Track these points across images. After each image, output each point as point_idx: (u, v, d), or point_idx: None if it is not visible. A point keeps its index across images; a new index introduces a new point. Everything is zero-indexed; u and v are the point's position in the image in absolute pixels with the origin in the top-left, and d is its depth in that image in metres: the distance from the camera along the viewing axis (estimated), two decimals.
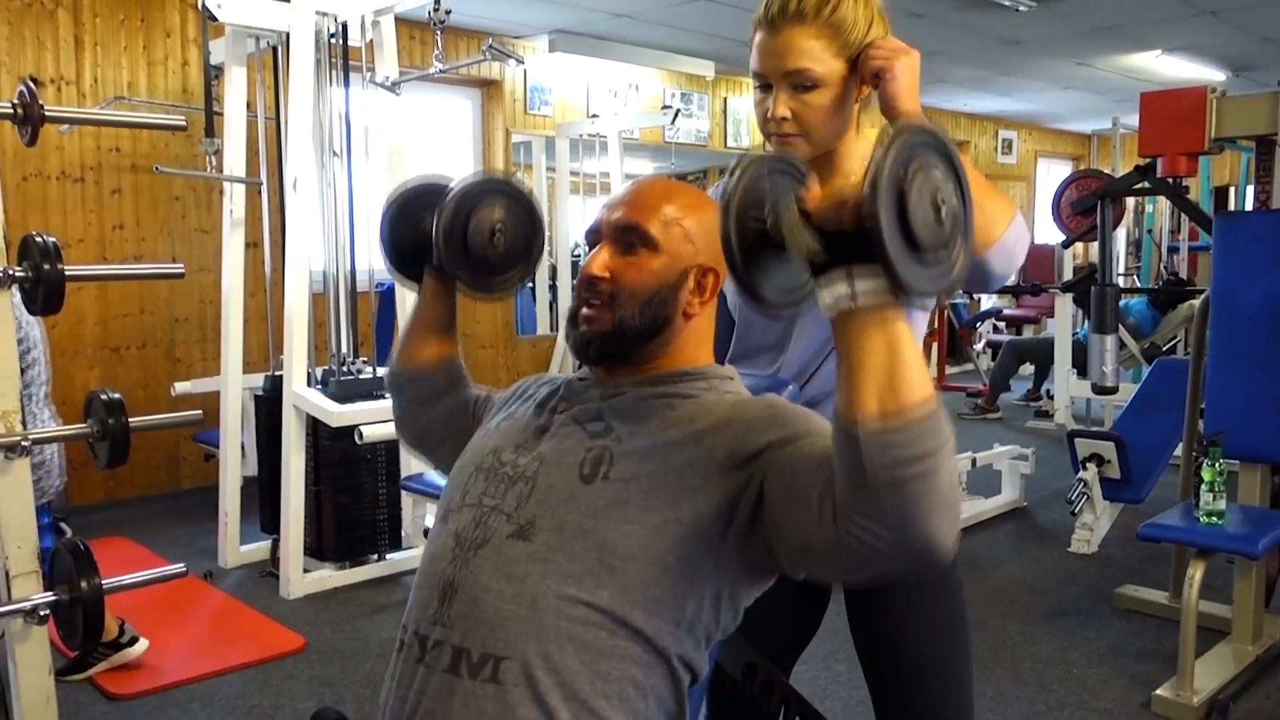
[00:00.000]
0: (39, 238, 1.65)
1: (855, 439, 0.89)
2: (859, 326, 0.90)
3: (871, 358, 0.89)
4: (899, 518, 0.89)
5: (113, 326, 5.03)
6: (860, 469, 0.89)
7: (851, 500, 0.91)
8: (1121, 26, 6.61)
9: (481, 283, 1.40)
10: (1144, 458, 4.06)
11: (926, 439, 0.88)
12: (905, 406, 0.88)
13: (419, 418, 1.49)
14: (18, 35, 4.69)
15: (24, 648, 1.70)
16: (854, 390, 0.90)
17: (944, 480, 0.89)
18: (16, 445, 1.67)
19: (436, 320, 1.46)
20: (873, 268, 0.87)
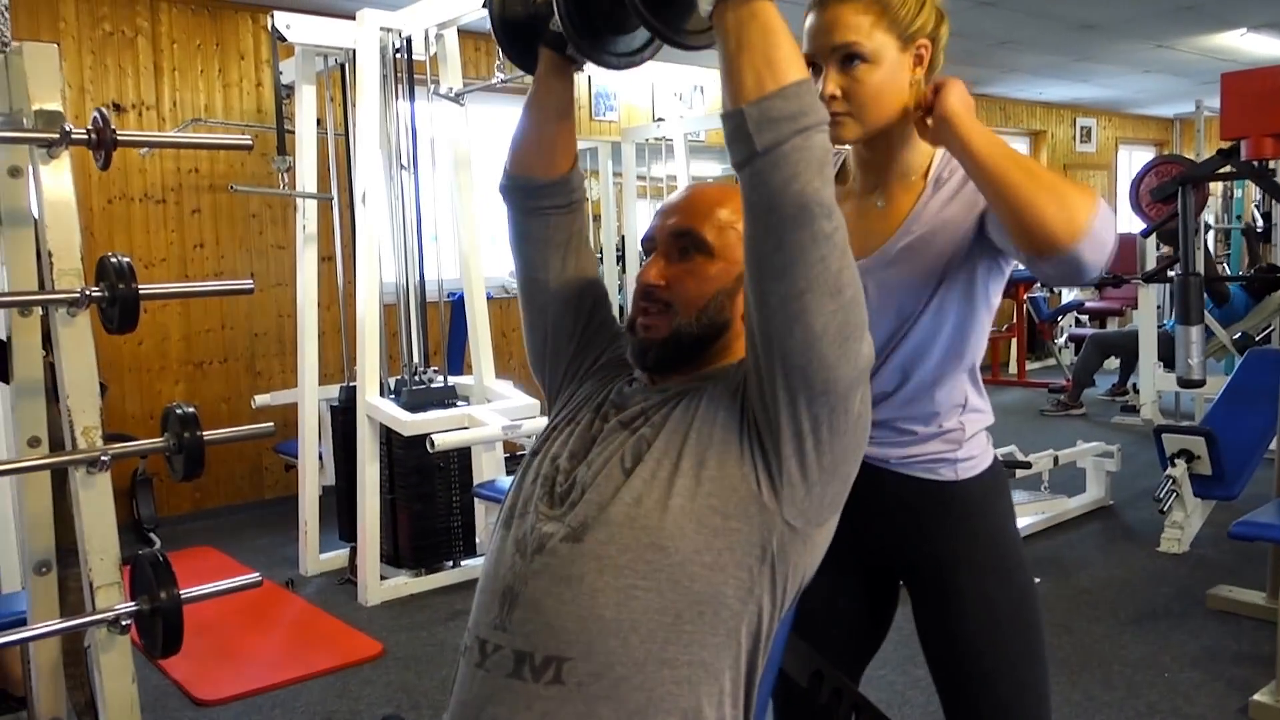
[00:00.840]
0: (114, 258, 1.70)
1: (740, 115, 0.98)
2: (735, 19, 0.99)
3: (749, 44, 0.98)
4: (780, 180, 0.97)
5: (195, 342, 5.19)
6: (749, 144, 0.98)
7: (746, 178, 1.00)
8: (1202, 5, 6.37)
9: (610, 56, 1.22)
10: (1236, 453, 3.91)
11: (802, 104, 0.98)
12: (782, 79, 0.98)
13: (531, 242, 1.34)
14: (100, 63, 4.87)
15: (108, 656, 1.75)
16: (737, 77, 0.99)
17: (818, 143, 0.99)
18: (97, 460, 1.71)
19: (552, 105, 1.30)
20: None
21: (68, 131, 1.68)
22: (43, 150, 1.72)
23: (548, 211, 1.33)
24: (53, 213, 1.73)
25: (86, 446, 1.72)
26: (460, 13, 3.71)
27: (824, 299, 1.00)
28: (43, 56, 1.73)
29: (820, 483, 1.08)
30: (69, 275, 1.72)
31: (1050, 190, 1.22)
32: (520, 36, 1.31)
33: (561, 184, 1.33)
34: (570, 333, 1.34)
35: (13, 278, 1.90)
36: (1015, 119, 9.96)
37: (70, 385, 1.73)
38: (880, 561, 1.51)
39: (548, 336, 1.36)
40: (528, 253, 1.35)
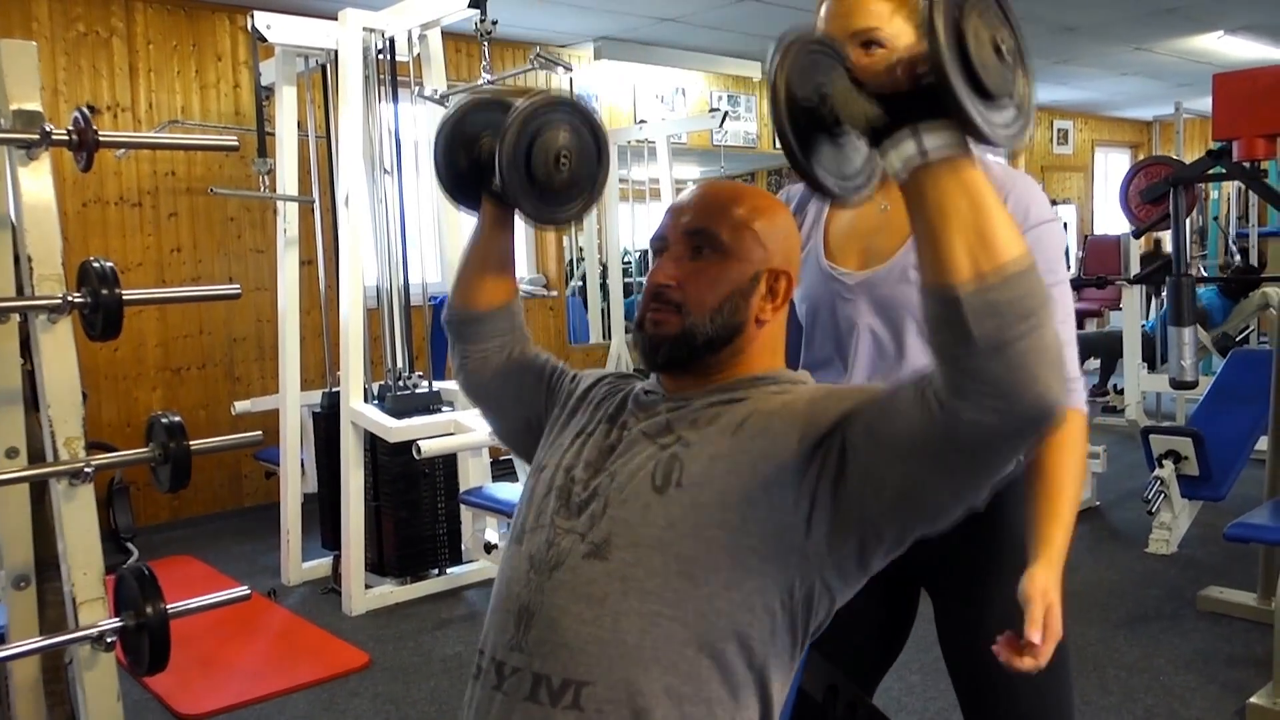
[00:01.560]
0: (96, 263, 1.65)
1: (956, 304, 0.83)
2: (934, 184, 0.85)
3: (955, 215, 0.85)
4: (1009, 381, 0.84)
5: (173, 348, 5.10)
6: (965, 336, 0.83)
7: (956, 377, 0.86)
8: (1181, 8, 6.42)
9: (545, 212, 1.30)
10: (1223, 453, 3.92)
11: (1029, 293, 0.84)
12: (1002, 262, 0.84)
13: (480, 371, 1.39)
14: (74, 65, 4.78)
15: (92, 674, 1.70)
16: (943, 253, 0.85)
17: (1050, 335, 0.85)
18: (80, 472, 1.66)
19: (494, 253, 1.36)
20: (940, 120, 0.84)
21: (48, 132, 1.63)
22: (21, 152, 1.67)
23: (488, 337, 1.38)
24: (32, 216, 1.67)
25: (69, 458, 1.66)
26: (444, 13, 3.66)
27: (988, 481, 0.95)
28: (21, 55, 1.68)
29: (874, 564, 1.06)
30: (50, 281, 1.66)
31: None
32: (465, 181, 1.36)
33: (501, 312, 1.38)
34: (539, 401, 1.35)
35: None
36: None
37: (52, 394, 1.68)
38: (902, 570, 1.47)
39: (520, 428, 1.38)
40: (474, 377, 1.40)
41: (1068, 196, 10.94)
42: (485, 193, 1.32)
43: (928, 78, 0.83)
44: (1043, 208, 1.38)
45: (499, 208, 1.32)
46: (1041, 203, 1.38)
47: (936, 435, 0.90)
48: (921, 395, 0.91)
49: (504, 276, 1.38)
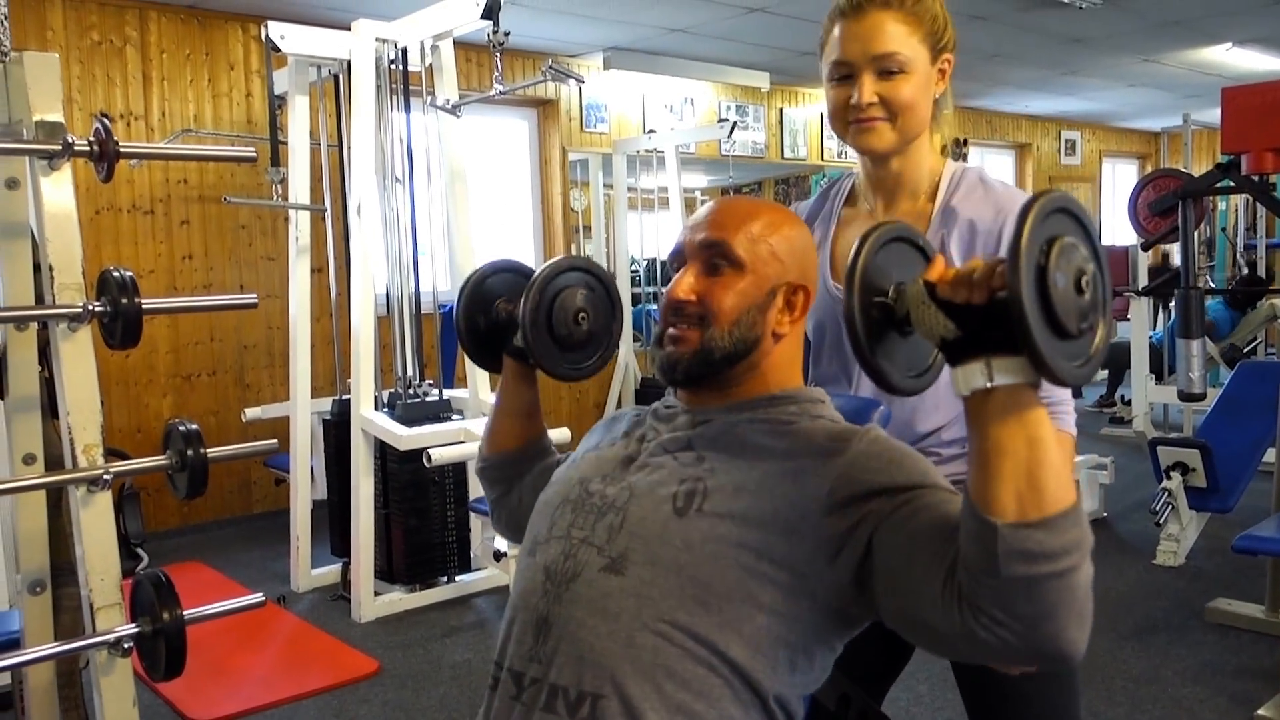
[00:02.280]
0: (116, 272, 1.67)
1: (992, 532, 0.85)
2: (996, 414, 0.86)
3: (1010, 451, 0.86)
4: (1030, 617, 0.85)
5: (184, 355, 5.13)
6: (993, 563, 0.85)
7: (980, 592, 0.87)
8: (1189, 20, 6.43)
9: (566, 368, 1.38)
10: (1231, 465, 3.92)
11: (1067, 540, 0.85)
12: (1046, 512, 0.85)
13: (508, 497, 1.45)
14: (88, 73, 4.82)
15: (109, 680, 1.71)
16: (990, 485, 0.86)
17: (1081, 583, 0.86)
18: (98, 479, 1.67)
19: (522, 405, 1.43)
20: (1012, 355, 0.84)
21: (70, 143, 1.65)
22: (43, 162, 1.69)
23: (526, 470, 1.44)
24: (54, 225, 1.69)
25: (87, 464, 1.68)
26: (457, 24, 3.68)
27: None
28: (43, 66, 1.70)
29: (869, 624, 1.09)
30: (70, 289, 1.68)
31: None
32: (487, 342, 1.44)
33: (532, 444, 1.44)
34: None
35: (9, 291, 1.86)
36: (1001, 132, 10.02)
37: (71, 402, 1.69)
38: None
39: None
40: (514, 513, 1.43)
41: None
42: (506, 352, 1.40)
43: (1003, 297, 0.82)
44: None
45: (521, 365, 1.40)
46: None
47: (952, 628, 0.90)
48: (946, 580, 0.91)
49: (531, 422, 1.44)
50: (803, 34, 6.04)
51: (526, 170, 6.80)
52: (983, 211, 1.38)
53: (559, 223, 6.71)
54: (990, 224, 1.36)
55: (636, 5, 5.53)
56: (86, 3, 4.80)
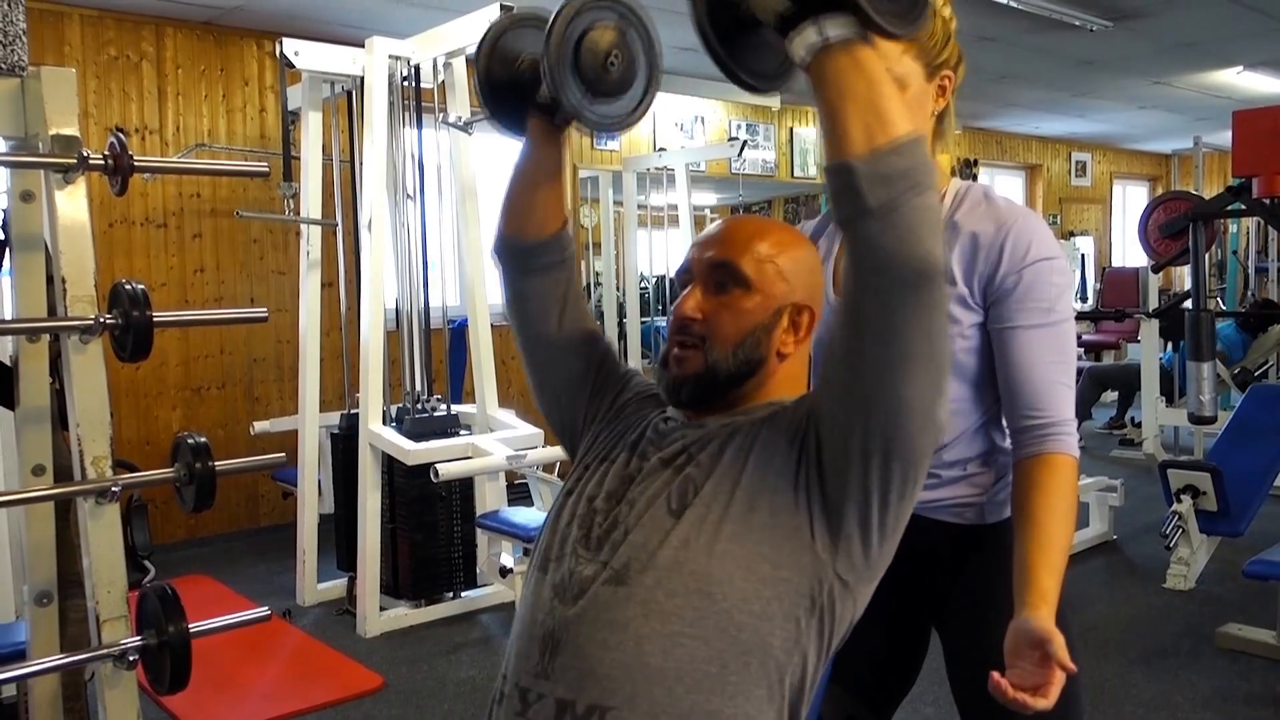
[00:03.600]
0: (128, 285, 1.67)
1: (851, 172, 0.93)
2: (834, 66, 0.95)
3: (852, 94, 0.94)
4: (896, 241, 0.93)
5: (194, 367, 5.15)
6: (860, 201, 0.93)
7: (856, 249, 0.96)
8: (1199, 43, 6.43)
9: (596, 115, 1.24)
10: (1242, 489, 3.89)
11: (915, 161, 0.94)
12: (894, 134, 0.93)
13: (540, 315, 1.34)
14: (104, 88, 4.86)
15: (114, 692, 1.71)
16: (841, 128, 0.94)
17: (932, 200, 0.95)
18: (107, 490, 1.68)
19: (543, 170, 1.30)
20: (839, 11, 0.93)
21: (85, 156, 1.66)
22: (58, 175, 1.70)
23: (541, 270, 1.33)
24: (67, 238, 1.70)
25: (96, 476, 1.68)
26: (469, 42, 3.70)
27: (922, 368, 0.98)
28: (60, 81, 1.71)
29: (877, 542, 1.06)
30: (83, 302, 1.69)
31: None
32: (506, 101, 1.30)
33: (553, 242, 1.33)
34: (579, 383, 1.33)
35: (22, 303, 1.87)
36: (1011, 153, 10.03)
37: (81, 413, 1.70)
38: (912, 605, 1.48)
39: (558, 391, 1.35)
40: (526, 310, 1.35)
41: (1086, 228, 10.93)
42: (532, 107, 1.27)
43: None
44: (1044, 244, 1.36)
45: (546, 122, 1.27)
46: (1043, 239, 1.37)
47: (850, 332, 0.99)
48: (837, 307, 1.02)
49: (554, 198, 1.32)
50: None
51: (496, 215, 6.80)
52: (985, 225, 1.38)
53: None
54: (992, 237, 1.36)
55: None
56: (104, 18, 4.85)
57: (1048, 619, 1.19)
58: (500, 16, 1.33)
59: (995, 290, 1.35)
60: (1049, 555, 1.25)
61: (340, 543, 4.12)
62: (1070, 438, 1.33)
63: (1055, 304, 1.35)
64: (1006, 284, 1.34)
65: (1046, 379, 1.32)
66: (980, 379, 1.39)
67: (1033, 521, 1.27)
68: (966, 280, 1.36)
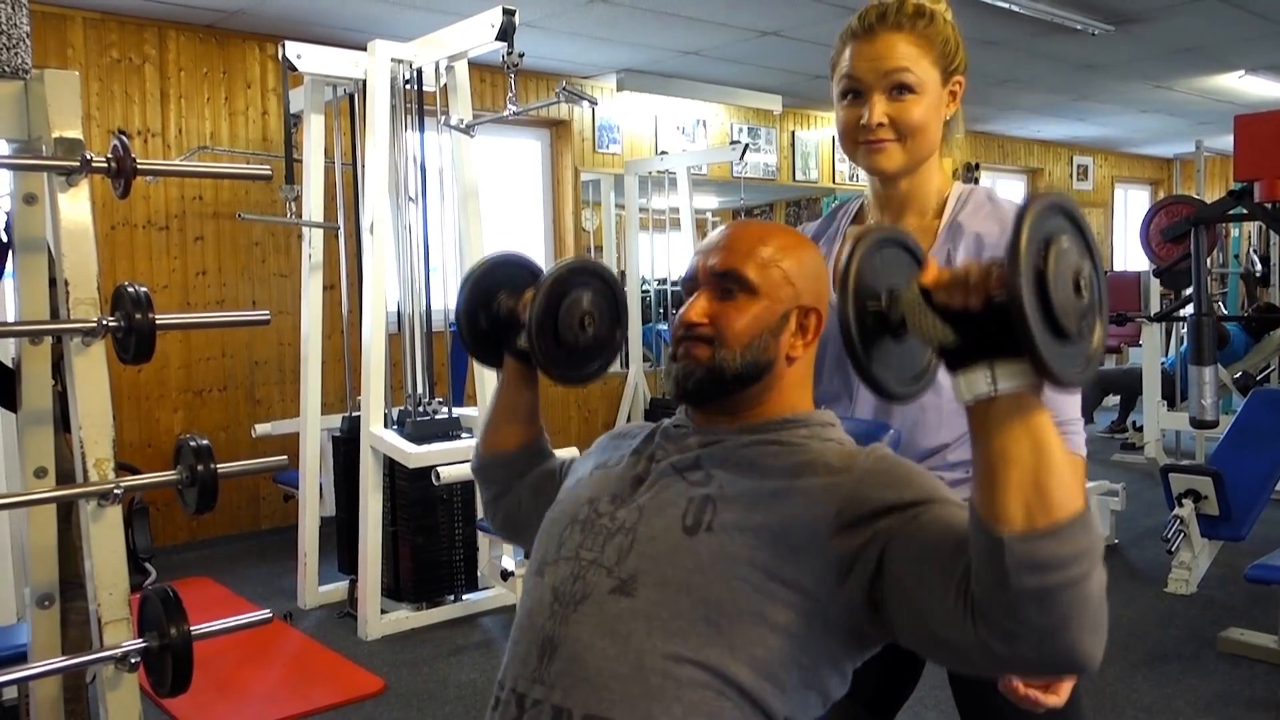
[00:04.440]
0: (131, 288, 1.68)
1: (999, 548, 0.84)
2: (1000, 421, 0.85)
3: (1016, 460, 0.84)
4: (1044, 628, 0.84)
5: (196, 370, 5.15)
6: (1003, 578, 0.84)
7: (992, 605, 0.86)
8: (1201, 48, 6.44)
9: (569, 372, 1.35)
10: (1244, 493, 3.88)
11: (1077, 548, 0.84)
12: (1055, 520, 0.83)
13: (505, 501, 1.44)
14: (107, 90, 4.87)
15: (115, 694, 1.71)
16: (998, 494, 0.85)
17: (1093, 590, 0.85)
18: (109, 493, 1.68)
19: (521, 407, 1.41)
20: (1016, 359, 0.82)
21: (88, 159, 1.66)
22: (61, 178, 1.70)
23: (523, 471, 1.42)
24: (70, 241, 1.71)
25: (99, 479, 1.68)
26: (472, 45, 3.71)
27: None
28: (64, 84, 1.72)
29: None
30: (85, 304, 1.69)
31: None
32: (487, 339, 1.41)
33: (532, 446, 1.42)
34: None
35: (24, 305, 1.87)
36: (1013, 157, 10.03)
37: (84, 416, 1.70)
38: None
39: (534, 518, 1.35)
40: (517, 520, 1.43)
41: None
42: (508, 352, 1.37)
43: (1002, 300, 0.81)
44: None
45: (523, 365, 1.37)
46: None
47: (965, 640, 0.89)
48: (960, 593, 0.89)
49: (529, 424, 1.42)
50: (815, 57, 6.07)
51: (539, 190, 6.83)
52: (990, 226, 1.38)
53: (570, 242, 6.73)
54: (997, 238, 1.37)
55: (650, 28, 5.57)
56: (107, 21, 4.86)
57: None
58: (482, 260, 1.42)
59: None
60: None
61: (341, 545, 4.12)
62: (1077, 437, 1.33)
63: None
64: None
65: None
66: None
67: None
68: None
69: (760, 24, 5.56)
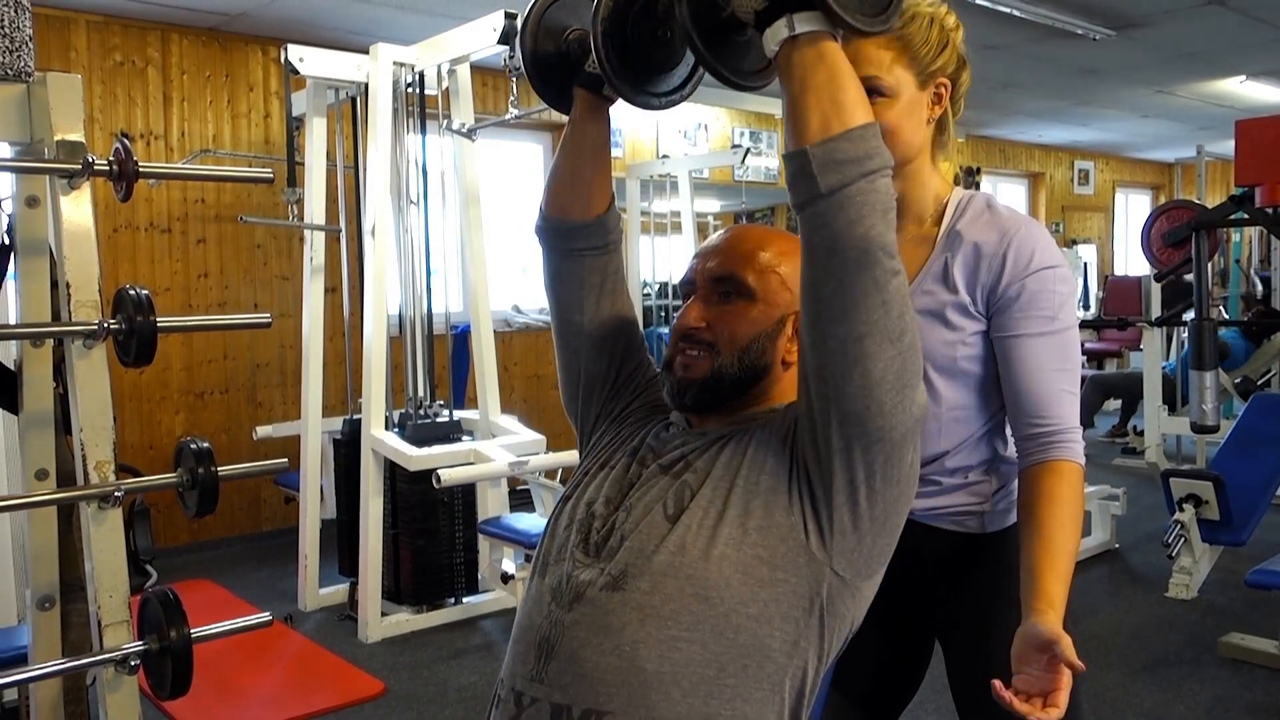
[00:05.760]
0: (132, 290, 1.68)
1: (805, 157, 0.97)
2: (800, 60, 0.98)
3: (813, 85, 0.98)
4: (844, 221, 0.96)
5: (197, 372, 5.15)
6: (812, 186, 0.97)
7: (810, 230, 0.99)
8: (1202, 53, 6.44)
9: (646, 89, 1.20)
10: (1244, 498, 3.88)
11: (869, 148, 0.97)
12: (848, 122, 0.97)
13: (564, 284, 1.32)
14: (110, 93, 4.88)
15: (115, 697, 1.71)
16: (801, 118, 0.98)
17: (882, 184, 0.98)
18: (110, 495, 1.68)
19: (589, 146, 1.28)
20: (809, 9, 0.97)
21: (90, 162, 1.66)
22: (63, 181, 1.71)
23: (584, 253, 1.30)
24: (72, 243, 1.71)
25: (99, 481, 1.69)
26: (474, 49, 3.72)
27: (884, 344, 0.98)
28: (66, 87, 1.72)
29: (871, 533, 1.06)
30: (87, 307, 1.69)
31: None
32: (553, 75, 1.29)
33: (598, 225, 1.31)
34: (604, 377, 1.32)
35: (26, 308, 1.88)
36: (1014, 161, 10.03)
37: (85, 418, 1.70)
38: (914, 614, 1.48)
39: (580, 378, 1.34)
40: (563, 294, 1.33)
41: (1088, 236, 10.93)
42: (577, 82, 1.25)
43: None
44: (1046, 253, 1.36)
45: (593, 95, 1.25)
46: (1046, 247, 1.37)
47: (811, 318, 1.01)
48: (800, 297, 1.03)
49: (600, 176, 1.30)
50: None
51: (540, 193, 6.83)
52: (988, 235, 1.38)
53: None
54: (995, 246, 1.36)
55: None
56: (110, 24, 4.87)
57: (1055, 623, 1.19)
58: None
59: (999, 299, 1.35)
60: (1056, 562, 1.25)
61: (342, 548, 4.12)
62: (1076, 445, 1.33)
63: (1059, 312, 1.35)
64: (1010, 293, 1.34)
65: (1051, 387, 1.32)
66: (983, 387, 1.39)
67: (1039, 529, 1.27)
68: (969, 289, 1.36)
69: None
